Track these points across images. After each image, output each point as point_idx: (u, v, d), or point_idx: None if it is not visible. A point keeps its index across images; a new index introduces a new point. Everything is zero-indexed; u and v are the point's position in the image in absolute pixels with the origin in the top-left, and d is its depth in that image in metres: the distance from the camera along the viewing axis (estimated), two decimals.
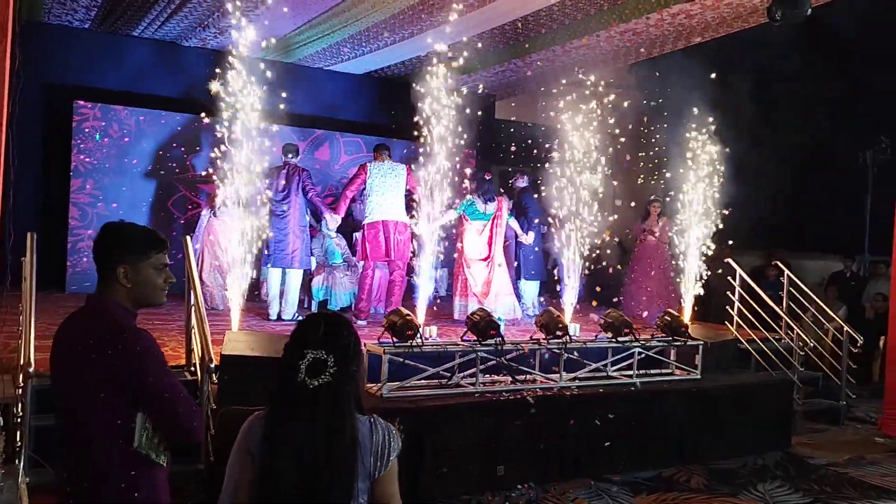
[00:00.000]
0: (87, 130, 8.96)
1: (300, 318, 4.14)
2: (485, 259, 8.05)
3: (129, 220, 2.49)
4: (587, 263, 7.80)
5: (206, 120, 8.12)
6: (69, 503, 2.27)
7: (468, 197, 8.08)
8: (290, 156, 7.79)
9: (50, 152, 9.05)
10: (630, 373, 6.25)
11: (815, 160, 11.21)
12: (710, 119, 8.10)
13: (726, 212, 8.17)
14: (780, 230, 11.26)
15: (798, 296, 7.99)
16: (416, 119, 6.58)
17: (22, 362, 4.10)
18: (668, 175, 8.74)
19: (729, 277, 7.91)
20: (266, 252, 7.74)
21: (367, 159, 8.37)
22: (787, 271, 8.12)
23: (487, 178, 8.45)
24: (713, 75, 8.22)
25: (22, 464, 3.60)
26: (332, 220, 7.82)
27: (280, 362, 2.09)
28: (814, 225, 11.81)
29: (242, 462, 2.09)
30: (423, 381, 5.47)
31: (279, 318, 7.61)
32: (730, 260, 8.03)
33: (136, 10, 8.30)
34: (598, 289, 8.99)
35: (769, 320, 7.61)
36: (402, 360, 5.37)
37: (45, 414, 4.07)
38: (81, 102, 8.95)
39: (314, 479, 1.99)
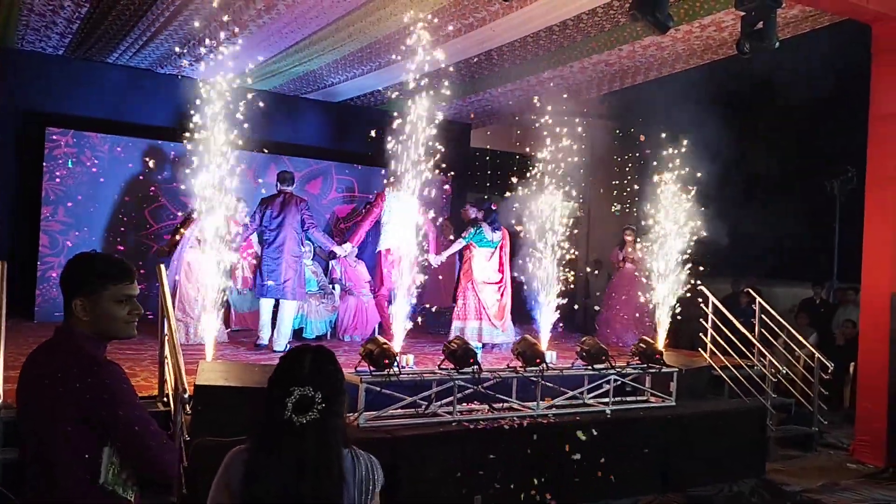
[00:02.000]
0: (58, 157, 8.87)
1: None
2: (497, 283, 8.38)
3: (100, 250, 2.46)
4: (561, 290, 7.84)
5: (186, 146, 8.05)
6: None
7: (477, 226, 8.34)
8: (285, 184, 7.68)
9: (22, 179, 8.95)
10: (606, 400, 6.28)
11: (782, 189, 11.44)
12: (680, 148, 8.24)
13: (695, 239, 8.27)
14: (750, 258, 11.43)
15: (770, 322, 8.10)
16: (390, 147, 6.61)
17: None
18: (639, 202, 8.86)
19: (702, 304, 8.00)
20: (259, 281, 7.62)
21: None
22: (758, 298, 8.23)
23: (493, 208, 8.68)
24: (682, 105, 8.37)
25: None
26: (343, 250, 7.94)
27: (266, 397, 2.05)
28: (783, 253, 12.02)
29: (221, 497, 2.05)
30: (400, 411, 5.44)
31: (270, 348, 7.48)
32: (702, 287, 8.13)
33: (110, 37, 8.28)
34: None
35: (742, 347, 7.70)
36: (378, 388, 5.34)
37: (13, 447, 3.99)
38: (53, 129, 8.87)
39: None
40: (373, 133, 7.41)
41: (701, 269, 8.32)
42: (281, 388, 2.01)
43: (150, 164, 9.36)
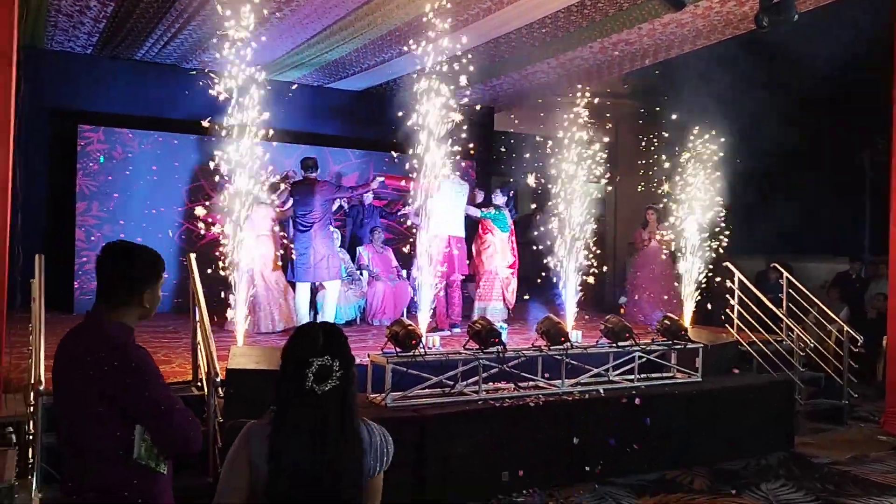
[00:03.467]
0: (91, 154, 9.11)
1: None
2: (511, 266, 8.65)
3: (137, 242, 2.57)
4: (582, 271, 7.86)
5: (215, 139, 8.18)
6: None
7: (499, 210, 8.61)
8: (309, 170, 7.89)
9: (56, 176, 9.20)
10: (631, 377, 6.33)
11: (812, 162, 11.27)
12: (707, 124, 8.19)
13: (724, 215, 8.24)
14: (781, 234, 11.32)
15: (798, 298, 8.05)
16: (415, 132, 6.65)
17: (32, 381, 4.20)
18: (666, 181, 8.84)
19: (728, 281, 7.98)
20: (292, 267, 7.87)
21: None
22: (786, 273, 8.19)
23: (512, 194, 9.02)
24: (706, 82, 8.32)
25: (35, 479, 3.68)
26: (375, 184, 8.29)
27: (282, 371, 2.14)
28: (815, 227, 11.86)
29: (240, 471, 2.12)
30: (426, 390, 5.55)
31: None
32: (728, 264, 8.10)
33: (136, 34, 8.46)
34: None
35: (770, 323, 7.67)
36: (405, 369, 5.45)
37: (55, 432, 4.16)
38: (85, 126, 9.10)
39: (325, 481, 2.05)
40: (395, 120, 7.47)
41: (727, 245, 8.29)
42: (299, 360, 2.10)
43: (179, 157, 9.56)
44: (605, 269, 9.18)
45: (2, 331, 4.96)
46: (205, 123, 6.32)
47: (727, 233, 8.33)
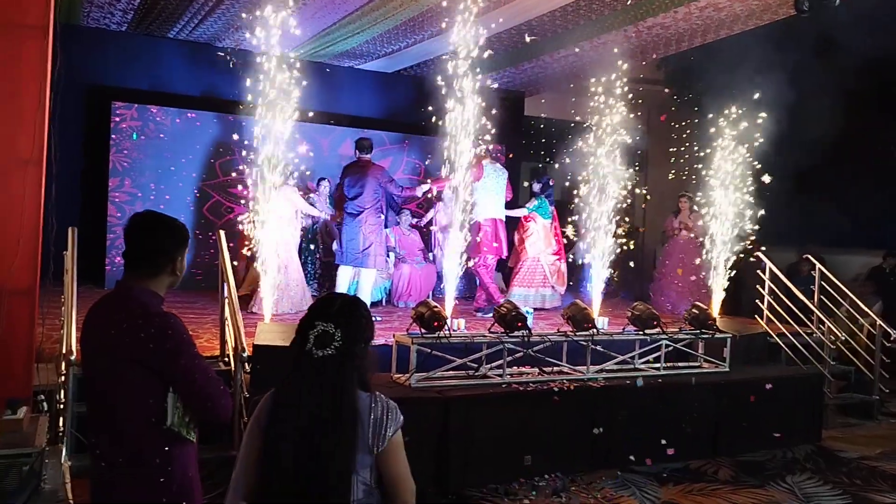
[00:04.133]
0: (124, 130, 9.21)
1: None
2: (556, 253, 8.91)
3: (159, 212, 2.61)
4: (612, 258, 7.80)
5: (248, 118, 8.20)
6: (105, 479, 2.38)
7: (540, 198, 8.87)
8: (363, 151, 7.52)
9: (89, 151, 9.31)
10: (657, 365, 6.28)
11: (848, 154, 11.04)
12: (741, 112, 8.05)
13: (757, 204, 8.11)
14: (815, 225, 11.12)
15: (831, 290, 7.91)
16: (444, 115, 6.63)
17: (64, 351, 4.28)
18: (699, 168, 8.72)
19: (759, 272, 7.87)
20: (338, 249, 7.80)
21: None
22: (819, 266, 8.05)
23: (551, 183, 9.14)
24: (742, 68, 8.16)
25: (65, 446, 3.75)
26: (421, 189, 8.19)
27: (295, 333, 2.19)
28: (849, 220, 11.64)
29: (253, 437, 2.18)
30: (450, 372, 5.56)
31: None
32: (760, 254, 7.99)
33: (170, 12, 8.51)
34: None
35: (800, 315, 7.55)
36: (429, 350, 5.45)
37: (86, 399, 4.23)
38: (118, 103, 9.20)
39: (316, 443, 2.05)
40: (428, 102, 7.42)
41: (755, 238, 8.17)
42: (308, 322, 2.15)
43: (211, 135, 9.63)
44: (630, 256, 9.10)
45: (35, 302, 5.05)
46: (237, 103, 6.35)
47: (758, 224, 8.19)
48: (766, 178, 8.11)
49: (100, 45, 9.26)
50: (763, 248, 8.18)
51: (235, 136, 8.45)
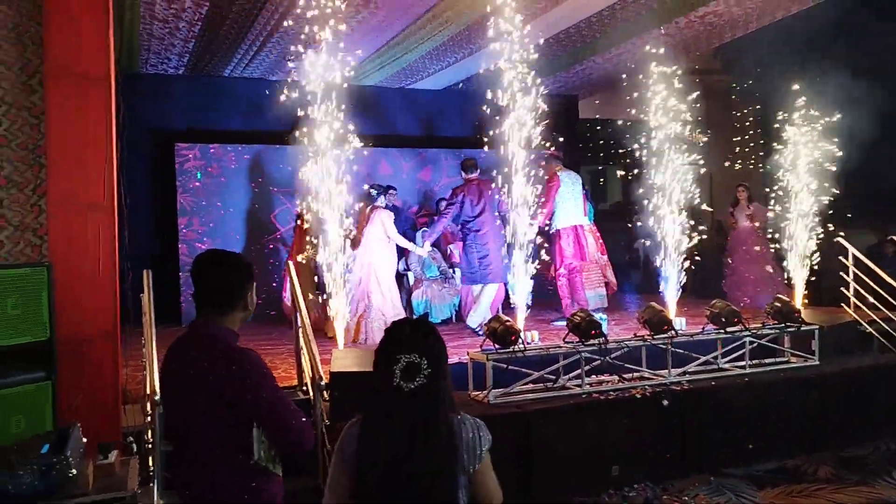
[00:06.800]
0: (189, 171, 9.46)
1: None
2: (601, 250, 8.80)
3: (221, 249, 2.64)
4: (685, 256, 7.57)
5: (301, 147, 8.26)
6: None
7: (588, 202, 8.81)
8: (470, 171, 7.67)
9: (158, 194, 9.59)
10: (742, 363, 6.05)
11: None
12: (809, 95, 7.76)
13: (835, 189, 7.78)
14: (893, 205, 10.63)
15: None
16: (499, 126, 6.55)
17: (148, 391, 4.36)
18: (767, 156, 8.43)
19: (840, 257, 7.54)
20: (468, 269, 7.70)
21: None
22: None
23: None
24: (801, 50, 7.88)
25: (156, 486, 3.80)
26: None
27: (374, 369, 2.15)
28: None
29: (339, 470, 2.17)
30: (528, 386, 5.47)
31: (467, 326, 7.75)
32: (840, 238, 7.65)
33: (223, 53, 8.72)
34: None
35: (890, 299, 7.19)
36: (505, 366, 5.37)
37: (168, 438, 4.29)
38: (181, 144, 9.45)
39: (414, 480, 2.03)
40: (479, 116, 7.38)
41: (835, 220, 7.84)
42: (387, 357, 2.10)
43: (271, 169, 9.79)
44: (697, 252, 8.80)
45: (117, 345, 5.18)
46: (294, 133, 6.41)
47: (832, 209, 7.86)
48: (838, 153, 7.76)
49: (160, 89, 9.54)
50: (839, 233, 7.84)
51: (296, 168, 8.54)
